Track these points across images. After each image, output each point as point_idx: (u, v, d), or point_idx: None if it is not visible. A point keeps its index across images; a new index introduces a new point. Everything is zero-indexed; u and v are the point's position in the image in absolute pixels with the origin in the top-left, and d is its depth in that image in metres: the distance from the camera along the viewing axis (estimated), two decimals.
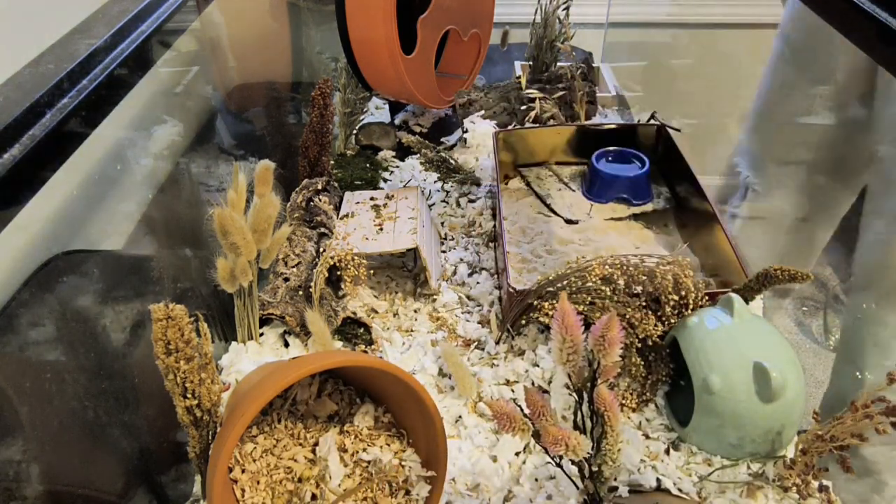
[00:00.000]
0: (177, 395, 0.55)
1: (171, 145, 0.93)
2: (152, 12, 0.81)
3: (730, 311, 0.64)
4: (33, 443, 0.53)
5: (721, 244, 0.80)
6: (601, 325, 0.51)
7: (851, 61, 1.07)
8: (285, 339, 0.80)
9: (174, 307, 0.54)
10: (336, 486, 0.57)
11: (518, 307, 0.74)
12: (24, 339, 0.58)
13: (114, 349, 0.67)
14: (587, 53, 1.43)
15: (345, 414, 0.63)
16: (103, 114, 0.66)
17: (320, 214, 0.90)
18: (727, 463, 0.64)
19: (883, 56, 0.62)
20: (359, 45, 1.03)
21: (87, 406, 0.59)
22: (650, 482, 0.62)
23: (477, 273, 0.89)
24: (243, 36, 1.22)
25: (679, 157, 0.94)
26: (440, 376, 0.76)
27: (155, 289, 0.75)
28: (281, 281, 0.82)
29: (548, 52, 1.20)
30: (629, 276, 0.68)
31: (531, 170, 1.07)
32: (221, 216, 0.66)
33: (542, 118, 1.12)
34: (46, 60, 0.63)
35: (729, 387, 0.60)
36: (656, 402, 0.71)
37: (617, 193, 0.97)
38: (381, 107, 1.31)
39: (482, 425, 0.70)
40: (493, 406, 0.52)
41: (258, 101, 1.18)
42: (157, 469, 0.65)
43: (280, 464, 0.58)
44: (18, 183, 0.52)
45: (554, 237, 0.91)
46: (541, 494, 0.62)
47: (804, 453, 0.60)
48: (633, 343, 0.68)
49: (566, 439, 0.49)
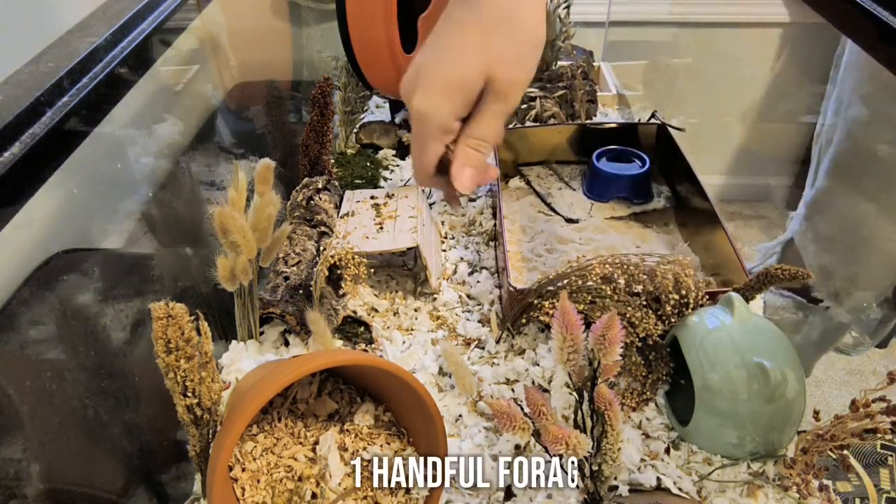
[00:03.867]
0: (177, 393, 0.55)
1: (172, 144, 0.93)
2: (152, 10, 0.81)
3: (730, 310, 0.64)
4: (33, 441, 0.53)
5: (721, 243, 0.80)
6: (601, 324, 0.51)
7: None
8: (285, 337, 0.80)
9: (174, 306, 0.54)
10: (336, 484, 0.57)
11: (518, 306, 0.74)
12: (24, 337, 0.58)
13: (114, 348, 0.67)
14: (588, 52, 1.43)
15: (345, 413, 0.63)
16: (103, 112, 0.66)
17: (321, 213, 0.90)
18: (727, 462, 0.64)
19: (884, 55, 0.62)
20: (359, 44, 1.03)
21: (87, 404, 0.59)
22: (650, 481, 0.62)
23: (477, 272, 0.89)
24: (244, 34, 1.22)
25: (680, 156, 0.94)
26: (440, 375, 0.76)
27: (155, 287, 0.75)
28: (281, 279, 0.82)
29: (548, 50, 1.20)
30: (629, 275, 0.68)
31: (532, 168, 1.07)
32: (222, 214, 0.66)
33: (543, 117, 1.12)
34: (46, 59, 0.63)
35: (729, 386, 0.60)
36: (656, 401, 0.71)
37: (617, 192, 0.97)
38: (382, 105, 1.31)
39: (482, 424, 0.70)
40: (494, 405, 0.52)
41: (258, 100, 1.18)
42: (157, 467, 0.65)
43: (280, 462, 0.58)
44: (18, 181, 0.52)
45: (554, 236, 0.91)
46: (541, 494, 0.62)
47: (804, 453, 0.60)
48: (633, 342, 0.68)
49: (566, 438, 0.49)
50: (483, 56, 0.43)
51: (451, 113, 0.45)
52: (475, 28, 0.43)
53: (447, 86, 0.44)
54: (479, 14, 0.43)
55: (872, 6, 0.66)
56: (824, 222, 1.23)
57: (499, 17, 0.43)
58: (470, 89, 0.44)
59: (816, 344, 1.36)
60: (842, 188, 1.18)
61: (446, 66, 0.44)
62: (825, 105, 1.24)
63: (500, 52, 0.43)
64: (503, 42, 0.43)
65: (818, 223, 1.24)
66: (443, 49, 0.44)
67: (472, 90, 0.44)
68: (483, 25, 0.43)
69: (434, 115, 0.44)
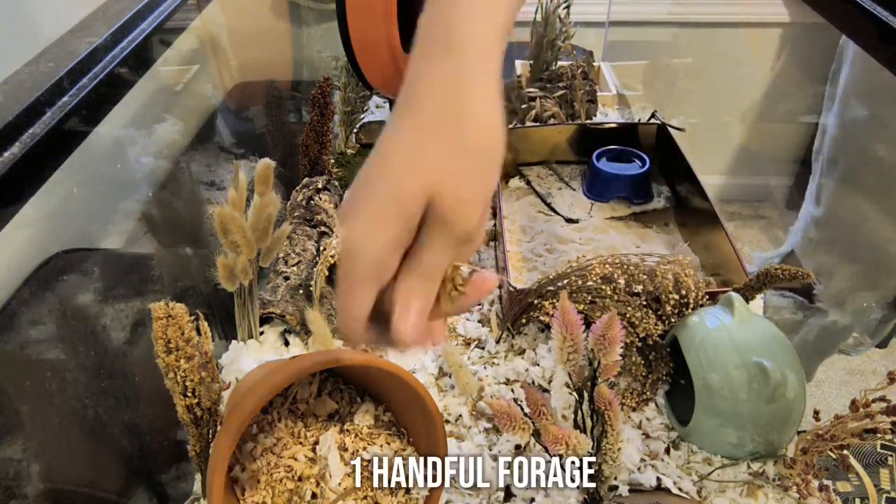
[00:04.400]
0: (177, 393, 0.55)
1: (172, 144, 0.93)
2: (152, 10, 0.81)
3: (730, 310, 0.64)
4: (34, 441, 0.53)
5: (721, 243, 0.80)
6: (601, 325, 0.51)
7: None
8: (285, 337, 0.80)
9: (174, 306, 0.54)
10: (336, 484, 0.57)
11: (518, 306, 0.74)
12: (25, 337, 0.58)
13: (114, 348, 0.67)
14: (588, 52, 1.43)
15: (345, 413, 0.63)
16: (103, 112, 0.66)
17: (321, 213, 0.90)
18: (727, 462, 0.64)
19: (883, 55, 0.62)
20: (359, 44, 1.03)
21: (87, 404, 0.59)
22: (650, 481, 0.62)
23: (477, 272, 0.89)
24: (244, 34, 1.22)
25: (679, 155, 0.94)
26: (440, 375, 0.76)
27: (155, 287, 0.75)
28: (281, 279, 0.82)
29: (548, 50, 1.20)
30: (629, 275, 0.68)
31: (532, 168, 1.07)
32: (222, 214, 0.66)
33: (543, 117, 1.12)
34: (46, 59, 0.63)
35: (729, 386, 0.60)
36: (656, 401, 0.71)
37: (617, 192, 0.97)
38: (382, 105, 1.31)
39: (482, 424, 0.70)
40: (494, 405, 0.52)
41: (258, 100, 1.18)
42: (157, 467, 0.65)
43: (280, 462, 0.58)
44: (19, 181, 0.52)
45: (554, 236, 0.91)
46: (540, 494, 0.62)
47: (804, 453, 0.60)
48: (633, 342, 0.68)
49: (566, 438, 0.49)
50: (423, 168, 0.34)
51: (386, 245, 0.34)
52: (415, 134, 0.35)
53: (380, 209, 0.33)
54: (420, 115, 0.35)
55: (872, 6, 0.66)
56: (828, 230, 1.23)
57: (441, 118, 0.35)
58: (409, 212, 0.33)
59: (819, 347, 1.36)
60: (843, 189, 1.17)
61: (379, 183, 0.34)
62: (825, 110, 1.24)
63: (443, 164, 0.34)
64: (447, 149, 0.34)
65: (822, 233, 1.24)
66: (379, 163, 0.35)
67: (413, 213, 0.34)
68: (424, 130, 0.35)
69: (364, 249, 0.34)
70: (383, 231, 0.33)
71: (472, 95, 0.35)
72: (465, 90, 0.35)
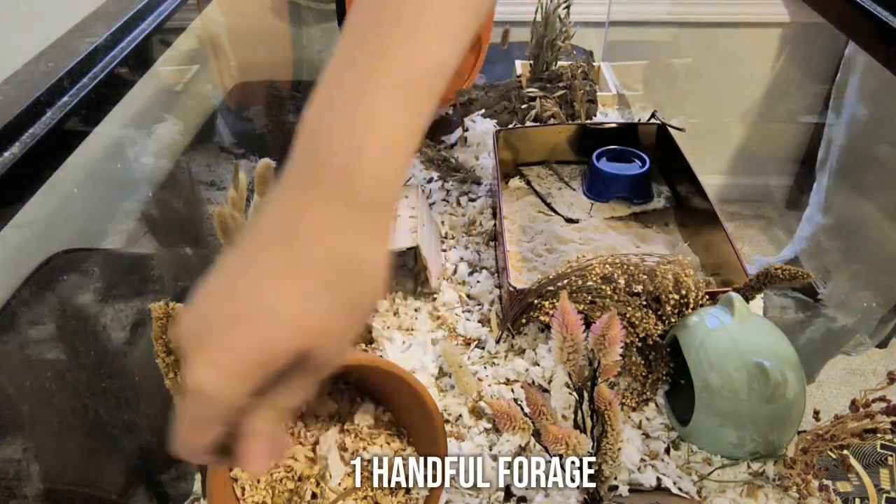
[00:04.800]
0: (177, 393, 0.55)
1: (172, 144, 0.93)
2: (152, 10, 0.81)
3: (730, 310, 0.64)
4: (34, 441, 0.53)
5: (721, 243, 0.80)
6: (601, 324, 0.51)
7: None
8: None
9: (174, 305, 0.54)
10: (336, 484, 0.57)
11: (518, 306, 0.74)
12: (25, 337, 0.58)
13: (114, 348, 0.67)
14: (588, 52, 1.43)
15: (345, 413, 0.63)
16: (103, 112, 0.66)
17: None
18: (727, 462, 0.64)
19: (883, 55, 0.62)
20: None
21: (87, 404, 0.59)
22: (650, 481, 0.62)
23: (477, 272, 0.89)
24: (244, 34, 1.22)
25: (680, 156, 0.94)
26: (440, 375, 0.76)
27: (155, 287, 0.75)
28: None
29: (548, 50, 1.20)
30: (629, 275, 0.68)
31: (531, 168, 1.07)
32: (222, 214, 0.66)
33: (543, 117, 1.12)
34: (47, 59, 0.63)
35: (729, 386, 0.60)
36: (656, 401, 0.71)
37: (617, 192, 0.97)
38: None
39: (482, 424, 0.70)
40: (494, 405, 0.52)
41: (258, 100, 1.18)
42: (157, 467, 0.65)
43: (280, 462, 0.58)
44: (19, 181, 0.52)
45: (554, 236, 0.91)
46: (540, 494, 0.62)
47: (804, 453, 0.60)
48: (633, 342, 0.68)
49: (566, 438, 0.49)
50: (302, 328, 0.31)
51: (242, 396, 0.31)
52: (293, 283, 0.31)
53: (245, 366, 0.30)
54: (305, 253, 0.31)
55: (872, 6, 0.66)
56: (839, 239, 1.22)
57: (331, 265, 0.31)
58: (276, 368, 0.31)
59: (823, 349, 1.36)
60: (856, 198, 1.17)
61: (245, 331, 0.30)
62: (829, 121, 1.24)
63: (324, 322, 0.31)
64: (333, 306, 0.31)
65: (832, 240, 1.23)
66: (243, 300, 0.31)
67: (279, 367, 0.31)
68: (309, 276, 0.31)
69: (218, 398, 0.31)
70: (243, 385, 0.31)
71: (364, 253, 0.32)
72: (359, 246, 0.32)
